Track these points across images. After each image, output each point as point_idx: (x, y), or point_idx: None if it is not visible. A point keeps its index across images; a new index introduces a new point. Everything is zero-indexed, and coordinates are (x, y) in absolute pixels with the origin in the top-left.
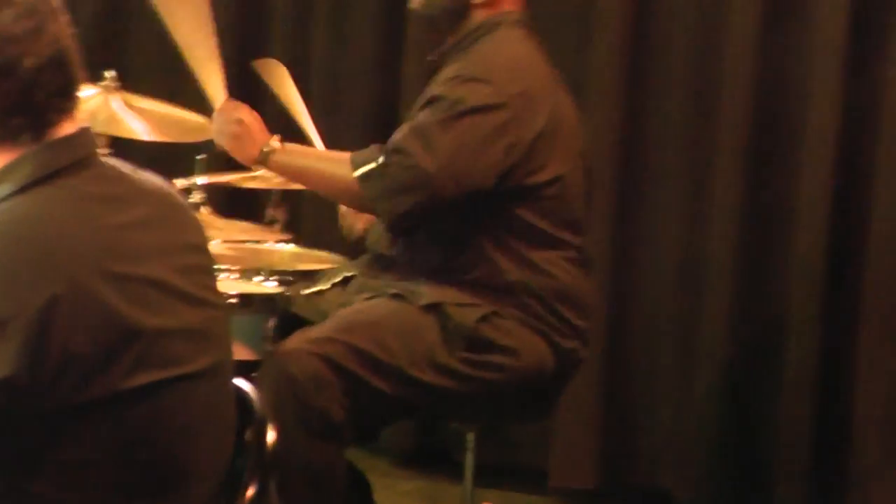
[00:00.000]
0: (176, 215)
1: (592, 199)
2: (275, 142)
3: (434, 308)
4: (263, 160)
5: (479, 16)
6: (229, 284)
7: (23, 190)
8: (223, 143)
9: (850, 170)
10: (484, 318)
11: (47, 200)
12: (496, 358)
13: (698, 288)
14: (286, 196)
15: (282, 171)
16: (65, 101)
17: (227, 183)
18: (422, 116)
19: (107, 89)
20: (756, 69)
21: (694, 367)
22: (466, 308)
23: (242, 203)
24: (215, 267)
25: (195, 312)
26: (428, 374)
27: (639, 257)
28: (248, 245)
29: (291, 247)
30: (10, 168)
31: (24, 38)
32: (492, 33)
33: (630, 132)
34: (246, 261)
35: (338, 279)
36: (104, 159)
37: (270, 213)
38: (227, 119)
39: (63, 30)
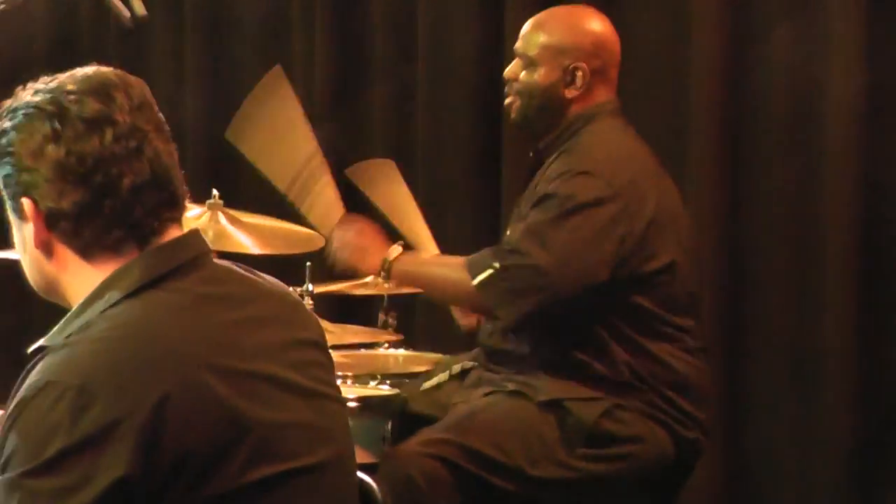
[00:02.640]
0: (290, 313)
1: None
2: (396, 250)
3: (553, 405)
4: (387, 270)
5: (574, 110)
6: (345, 389)
7: (131, 295)
8: (346, 255)
9: None
10: (605, 413)
11: (156, 302)
12: (617, 450)
13: (815, 375)
14: (396, 300)
15: (403, 279)
16: (167, 213)
17: (339, 290)
18: (534, 216)
19: (212, 207)
20: (859, 155)
21: (815, 456)
22: (586, 403)
23: (352, 310)
24: (331, 360)
25: (311, 406)
26: (548, 471)
27: (751, 345)
28: (361, 352)
29: (404, 350)
30: (117, 275)
31: (125, 158)
32: (590, 125)
33: (734, 214)
34: (360, 367)
35: (456, 371)
36: (216, 261)
37: (382, 317)
38: (346, 231)
39: (164, 147)
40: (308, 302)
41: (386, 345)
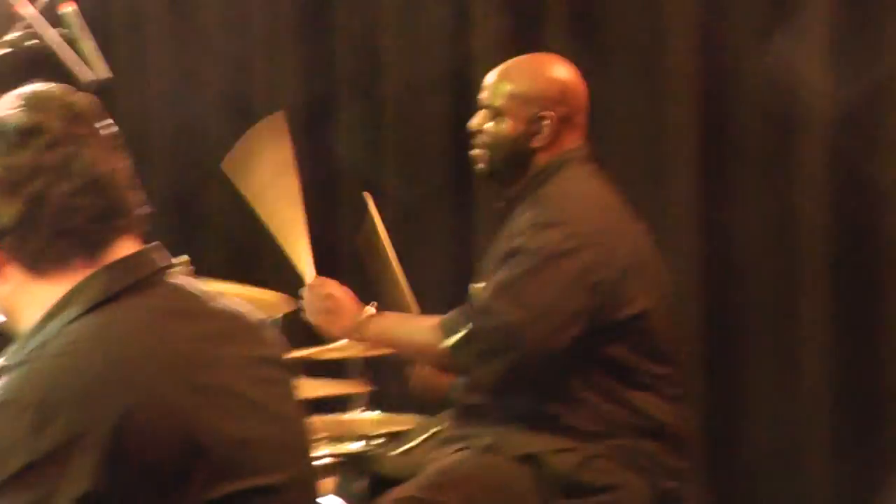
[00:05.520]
0: (250, 330)
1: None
2: (369, 310)
3: (528, 458)
4: (358, 331)
5: (542, 159)
6: (318, 448)
7: (90, 310)
8: (315, 319)
9: None
10: (581, 463)
11: (116, 317)
12: (595, 500)
13: (798, 420)
14: (368, 364)
15: (374, 341)
16: (113, 221)
17: (310, 356)
18: (504, 272)
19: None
20: (836, 193)
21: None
22: (562, 454)
23: (323, 375)
24: (295, 380)
25: (274, 423)
26: None
27: (733, 390)
28: (333, 416)
29: (377, 413)
30: (74, 291)
31: (57, 166)
32: (558, 173)
33: (711, 259)
34: (333, 430)
35: (427, 434)
36: (174, 278)
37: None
38: (317, 295)
39: (103, 154)
40: None
41: (362, 408)
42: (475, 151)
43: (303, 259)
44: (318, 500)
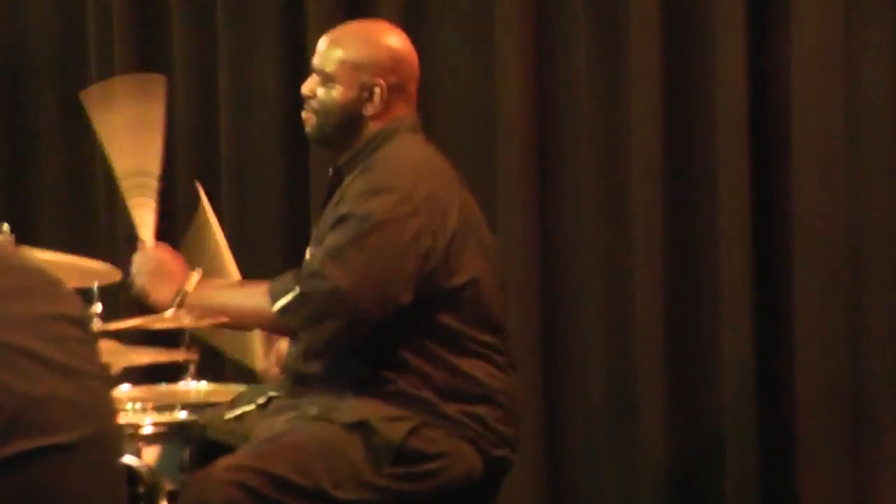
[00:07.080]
0: (46, 287)
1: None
2: (193, 280)
3: (358, 426)
4: (180, 300)
5: (373, 126)
6: (140, 416)
7: None
8: (142, 281)
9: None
10: (412, 431)
11: None
12: (425, 468)
13: (628, 393)
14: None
15: (199, 310)
16: None
17: (135, 326)
18: (333, 237)
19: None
20: (665, 169)
21: (634, 466)
22: (393, 422)
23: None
24: (95, 339)
25: (69, 381)
26: (353, 493)
27: (567, 356)
28: (161, 386)
29: (203, 383)
30: None
31: None
32: (390, 141)
33: (545, 230)
34: (157, 398)
35: (261, 400)
36: None
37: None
38: (148, 257)
39: None
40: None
41: (188, 378)
42: (305, 115)
43: (145, 224)
44: (119, 459)
